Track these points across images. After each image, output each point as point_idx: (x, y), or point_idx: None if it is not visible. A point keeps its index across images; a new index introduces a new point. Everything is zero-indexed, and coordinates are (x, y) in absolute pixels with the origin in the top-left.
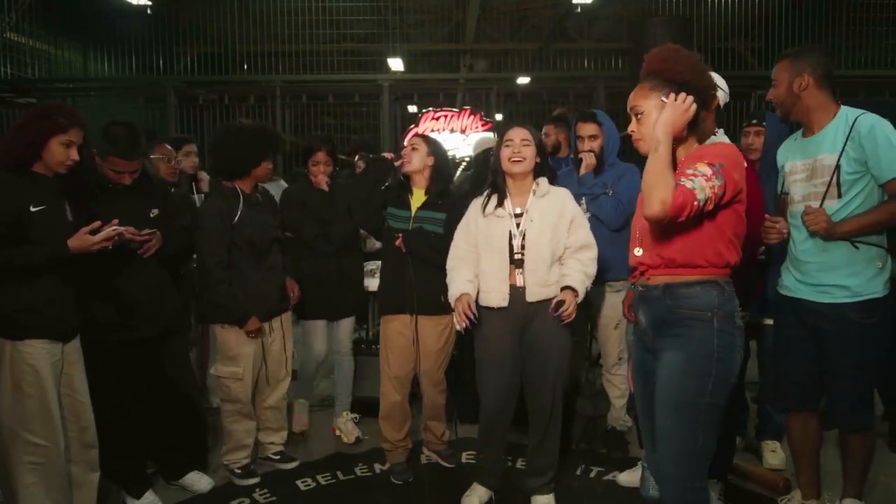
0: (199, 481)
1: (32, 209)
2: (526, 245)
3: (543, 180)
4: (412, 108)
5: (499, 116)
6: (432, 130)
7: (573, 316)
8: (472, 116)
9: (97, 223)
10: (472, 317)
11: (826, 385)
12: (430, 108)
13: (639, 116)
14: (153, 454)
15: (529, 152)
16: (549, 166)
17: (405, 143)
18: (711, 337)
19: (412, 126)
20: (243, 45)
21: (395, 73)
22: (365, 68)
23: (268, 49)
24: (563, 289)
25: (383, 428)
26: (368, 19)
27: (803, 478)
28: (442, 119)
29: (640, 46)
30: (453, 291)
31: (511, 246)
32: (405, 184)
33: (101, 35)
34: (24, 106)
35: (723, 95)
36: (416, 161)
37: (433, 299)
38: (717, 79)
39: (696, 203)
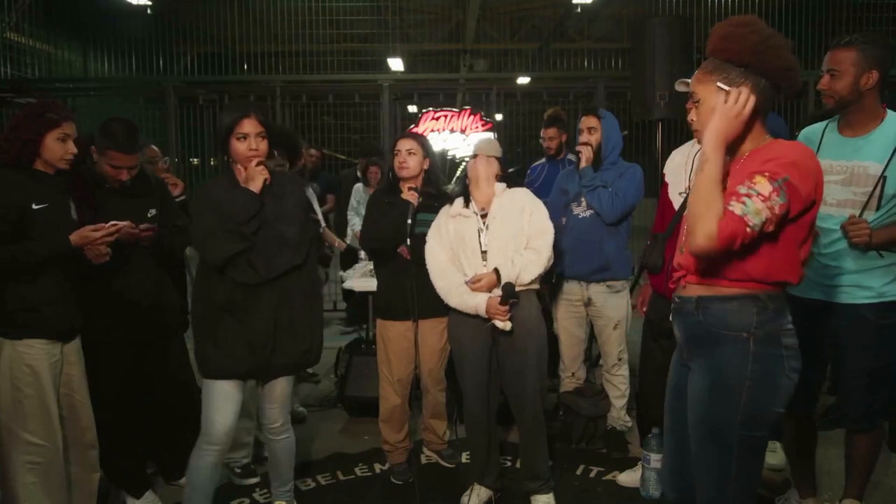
0: None
1: (34, 207)
2: (490, 239)
3: (502, 185)
4: (412, 108)
5: (499, 116)
6: (432, 130)
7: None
8: (472, 116)
9: (101, 224)
10: (506, 312)
11: (827, 387)
12: (430, 108)
13: (696, 103)
14: (153, 454)
15: (492, 169)
16: (507, 176)
17: (398, 148)
18: (744, 361)
19: (412, 126)
20: (243, 45)
21: (395, 73)
22: (365, 68)
23: (268, 49)
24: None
25: (383, 430)
26: (368, 19)
27: (800, 478)
28: (442, 119)
29: (640, 46)
30: (472, 303)
31: (480, 243)
32: (395, 186)
33: (101, 35)
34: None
35: None
36: (413, 166)
37: (435, 302)
38: None
39: (748, 230)
